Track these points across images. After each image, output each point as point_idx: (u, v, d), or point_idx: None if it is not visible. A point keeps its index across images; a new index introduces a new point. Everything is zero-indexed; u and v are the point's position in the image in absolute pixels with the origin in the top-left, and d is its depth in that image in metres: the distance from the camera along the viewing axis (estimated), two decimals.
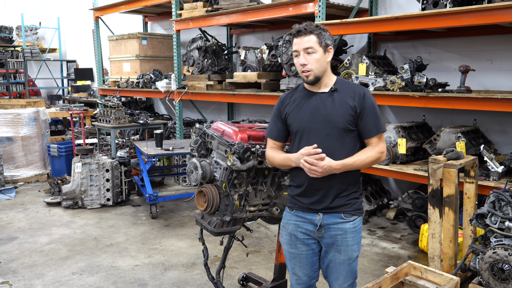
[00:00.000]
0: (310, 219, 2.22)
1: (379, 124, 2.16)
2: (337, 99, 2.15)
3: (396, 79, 4.27)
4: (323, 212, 2.19)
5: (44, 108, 7.42)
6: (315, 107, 2.16)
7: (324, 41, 2.12)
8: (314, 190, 2.18)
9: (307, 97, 2.21)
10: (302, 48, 2.10)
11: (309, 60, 2.10)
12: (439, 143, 4.18)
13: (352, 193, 2.20)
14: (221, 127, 2.72)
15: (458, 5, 3.88)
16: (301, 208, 2.24)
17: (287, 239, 2.31)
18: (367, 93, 2.17)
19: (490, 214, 3.01)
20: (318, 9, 4.67)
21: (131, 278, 3.67)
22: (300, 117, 2.19)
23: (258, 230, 4.77)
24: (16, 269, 3.85)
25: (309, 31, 2.09)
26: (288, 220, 2.31)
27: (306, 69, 2.11)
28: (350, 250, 2.19)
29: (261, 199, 2.75)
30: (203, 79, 6.37)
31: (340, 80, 2.23)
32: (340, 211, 2.18)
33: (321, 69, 2.13)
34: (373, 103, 2.16)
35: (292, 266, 2.33)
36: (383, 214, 5.26)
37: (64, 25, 11.98)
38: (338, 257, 2.20)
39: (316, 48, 2.10)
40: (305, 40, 2.09)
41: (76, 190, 5.53)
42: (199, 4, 6.20)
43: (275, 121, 2.32)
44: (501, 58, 4.60)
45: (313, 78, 2.13)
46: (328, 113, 2.13)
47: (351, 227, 2.19)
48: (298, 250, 2.28)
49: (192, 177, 2.67)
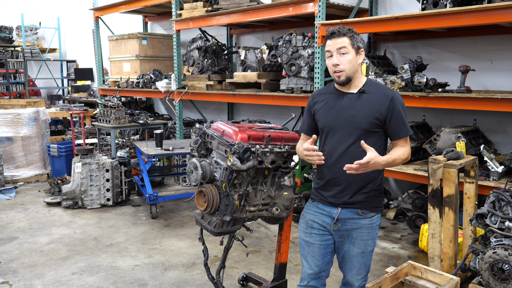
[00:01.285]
0: (328, 211, 2.32)
1: (407, 127, 2.25)
2: (364, 101, 2.22)
3: (396, 79, 4.27)
4: (342, 206, 2.28)
5: (44, 108, 7.42)
6: (343, 107, 2.25)
7: (356, 43, 2.20)
8: (334, 184, 2.28)
9: (336, 96, 2.30)
10: (335, 48, 2.19)
11: (342, 60, 2.19)
12: (439, 143, 4.18)
13: (372, 191, 2.27)
14: (221, 127, 2.72)
15: (458, 5, 3.88)
16: (321, 201, 2.36)
17: (303, 227, 2.42)
18: (396, 96, 2.23)
19: (490, 214, 3.01)
20: (318, 9, 4.67)
21: (131, 278, 3.67)
22: (327, 115, 2.29)
23: (258, 230, 4.77)
24: (16, 269, 3.85)
25: (342, 33, 2.19)
26: (308, 209, 2.43)
27: (338, 69, 2.19)
28: (364, 244, 2.28)
29: (261, 199, 2.75)
30: (203, 79, 6.37)
31: (370, 82, 2.30)
32: (358, 207, 2.26)
33: (352, 70, 2.21)
34: (401, 106, 2.23)
35: (305, 254, 2.42)
36: (383, 214, 5.26)
37: (64, 25, 11.98)
38: (352, 249, 2.29)
39: (349, 49, 2.18)
40: (339, 42, 2.18)
41: (76, 190, 5.53)
42: (199, 4, 6.21)
43: (306, 116, 2.44)
44: (501, 58, 4.60)
45: (344, 78, 2.21)
46: (353, 113, 2.21)
47: (367, 223, 2.28)
48: (313, 240, 2.36)
49: (192, 177, 2.66)
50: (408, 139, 2.28)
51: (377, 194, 2.30)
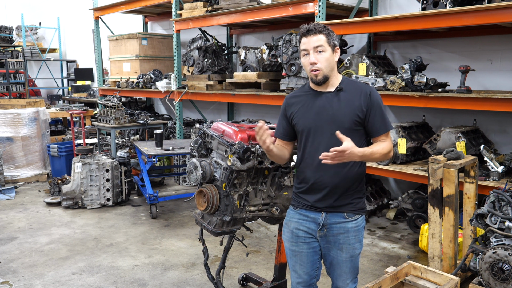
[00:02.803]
0: (313, 217, 2.24)
1: (386, 122, 2.18)
2: (343, 99, 2.16)
3: (396, 79, 4.27)
4: (327, 211, 2.20)
5: (44, 108, 7.42)
6: (321, 107, 2.17)
7: (332, 41, 2.14)
8: (319, 188, 2.19)
9: (313, 97, 2.22)
10: (312, 47, 2.12)
11: (319, 59, 2.12)
12: (439, 143, 4.18)
13: (356, 192, 2.22)
14: (221, 127, 2.72)
15: (458, 5, 3.88)
16: (304, 207, 2.26)
17: (288, 237, 2.33)
18: (373, 92, 2.18)
19: (490, 214, 3.01)
20: (318, 9, 4.67)
21: (131, 278, 3.67)
22: (305, 117, 2.21)
23: (258, 230, 4.77)
24: (16, 269, 3.85)
25: (318, 31, 2.11)
26: (291, 217, 2.33)
27: (316, 68, 2.12)
28: (352, 248, 2.22)
29: (261, 199, 2.75)
30: (203, 79, 6.37)
31: (346, 80, 2.23)
32: (343, 210, 2.20)
33: (329, 68, 2.14)
34: (379, 102, 2.18)
35: (293, 264, 2.34)
36: (383, 214, 5.26)
37: (64, 25, 11.98)
38: (340, 255, 2.22)
39: (325, 47, 2.12)
40: (315, 40, 2.11)
41: (76, 190, 5.53)
42: (199, 4, 6.20)
43: (281, 121, 2.34)
44: (501, 58, 4.60)
45: (321, 77, 2.14)
46: (333, 112, 2.15)
47: (353, 226, 2.21)
48: (299, 248, 2.29)
49: (192, 177, 2.67)
50: (389, 135, 2.20)
51: (361, 195, 2.25)
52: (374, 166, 4.48)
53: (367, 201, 5.06)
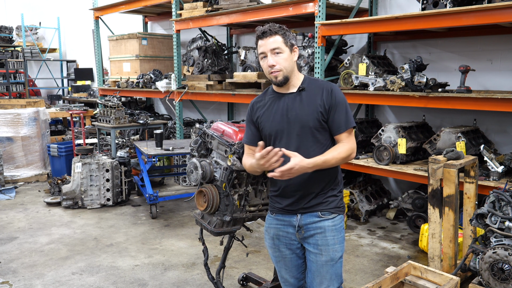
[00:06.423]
0: (288, 221, 2.22)
1: (348, 119, 2.13)
2: (305, 98, 2.14)
3: (396, 79, 4.27)
4: (301, 212, 2.18)
5: (44, 108, 7.42)
6: (284, 108, 2.15)
7: (289, 41, 2.12)
8: (291, 192, 2.17)
9: (276, 99, 2.19)
10: (269, 49, 2.08)
11: (278, 60, 2.09)
12: (439, 143, 4.18)
13: (329, 191, 2.18)
14: (221, 127, 2.72)
15: (458, 5, 3.88)
16: (279, 211, 2.24)
17: (270, 243, 2.32)
18: (335, 89, 2.15)
19: (490, 214, 3.01)
20: (318, 9, 4.67)
21: (131, 278, 3.67)
22: (271, 120, 2.18)
23: (258, 230, 4.77)
24: (16, 269, 3.85)
25: (274, 32, 2.08)
26: (269, 224, 2.31)
27: (275, 69, 2.09)
28: (331, 250, 2.16)
29: (261, 199, 2.75)
30: (203, 79, 6.37)
31: (308, 79, 2.21)
32: (317, 209, 2.17)
33: (289, 68, 2.12)
34: (341, 98, 2.14)
35: (279, 269, 2.34)
36: (383, 214, 5.26)
37: (64, 25, 11.97)
38: (320, 258, 2.17)
39: (282, 48, 2.09)
40: (271, 41, 2.08)
41: (76, 190, 5.53)
42: (199, 4, 6.20)
43: (248, 126, 2.31)
44: (501, 58, 4.60)
45: (282, 78, 2.11)
46: (297, 113, 2.12)
47: (330, 225, 2.17)
48: (282, 254, 2.28)
49: (192, 177, 2.67)
50: (352, 133, 2.15)
51: (336, 194, 2.20)
52: (374, 166, 4.49)
53: (367, 201, 5.06)
